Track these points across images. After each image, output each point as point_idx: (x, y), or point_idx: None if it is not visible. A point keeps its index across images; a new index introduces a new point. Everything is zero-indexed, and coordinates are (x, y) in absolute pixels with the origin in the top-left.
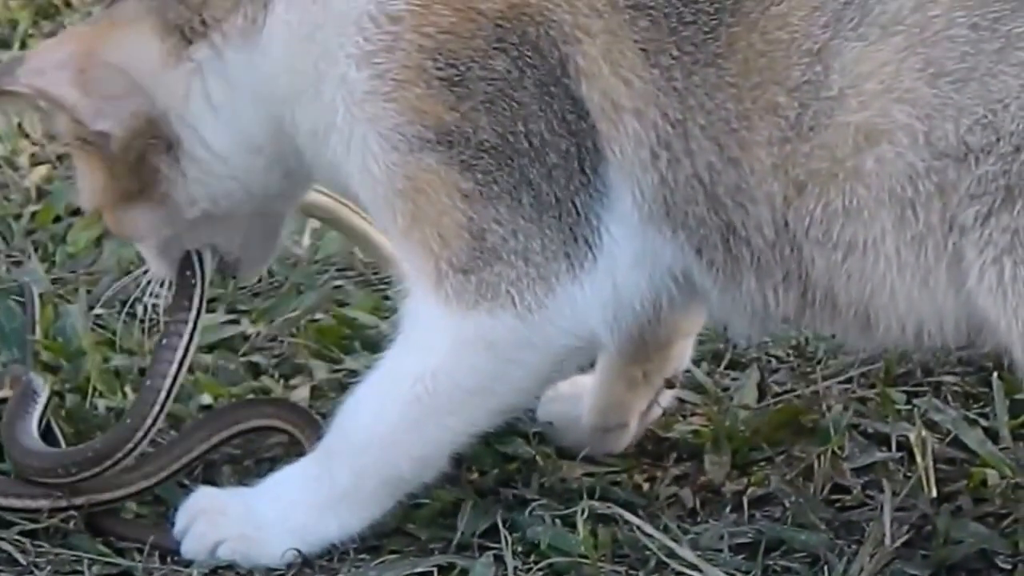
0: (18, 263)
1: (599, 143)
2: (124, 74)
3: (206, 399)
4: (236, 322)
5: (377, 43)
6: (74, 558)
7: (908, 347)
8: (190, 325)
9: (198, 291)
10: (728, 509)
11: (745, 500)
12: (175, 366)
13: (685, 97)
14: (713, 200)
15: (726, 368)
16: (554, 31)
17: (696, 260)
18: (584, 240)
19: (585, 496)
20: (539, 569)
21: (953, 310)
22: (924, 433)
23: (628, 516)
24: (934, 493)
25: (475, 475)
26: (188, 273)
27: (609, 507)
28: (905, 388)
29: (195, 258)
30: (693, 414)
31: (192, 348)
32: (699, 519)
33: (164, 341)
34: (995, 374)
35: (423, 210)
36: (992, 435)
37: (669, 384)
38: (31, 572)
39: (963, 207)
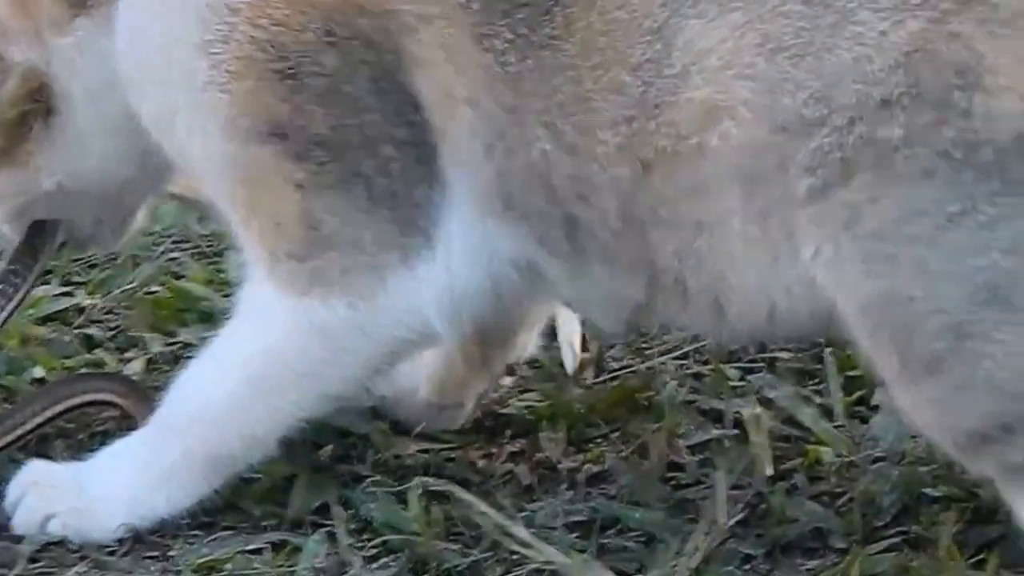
0: None
1: (434, 136)
2: (40, 22)
3: (38, 372)
4: (71, 294)
5: (215, 33)
6: None
7: (763, 334)
8: (20, 293)
9: (40, 262)
10: (564, 487)
11: (581, 478)
12: None
13: (520, 83)
14: (551, 191)
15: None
16: (391, 23)
17: (540, 251)
18: (420, 231)
19: (418, 473)
20: (372, 546)
21: (800, 286)
22: (758, 410)
23: (461, 493)
24: (769, 471)
25: (310, 450)
26: (34, 240)
27: (443, 484)
28: (740, 364)
29: (47, 227)
30: (529, 390)
31: (14, 315)
32: (535, 496)
33: None
34: (828, 350)
35: (260, 199)
36: (827, 412)
37: (510, 371)
38: None
39: (799, 181)
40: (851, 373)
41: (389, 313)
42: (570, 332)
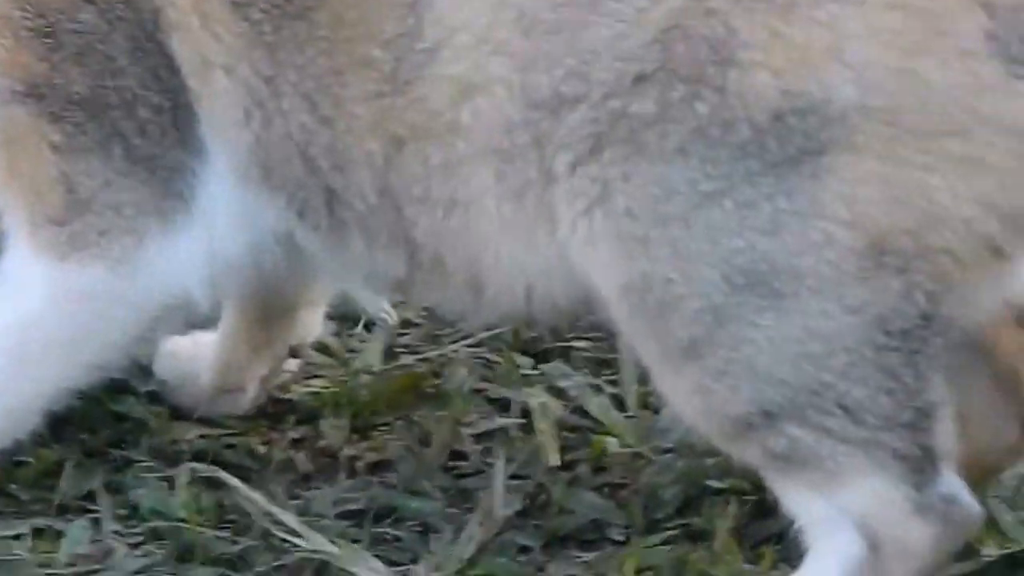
0: None
1: (192, 100)
2: None
3: None
4: None
5: None
6: None
7: (522, 313)
8: None
9: None
10: (343, 475)
11: (361, 466)
12: None
13: (276, 52)
14: (309, 162)
15: (356, 329)
16: None
17: (299, 223)
18: (178, 196)
19: (190, 458)
20: (138, 532)
21: (558, 267)
22: (545, 399)
23: (230, 480)
24: (553, 461)
25: (83, 435)
26: None
27: (211, 470)
28: (534, 353)
29: None
30: (315, 376)
31: None
32: (313, 484)
33: None
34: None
35: (18, 162)
36: (619, 402)
37: (294, 353)
38: None
39: (555, 159)
40: None
41: (148, 278)
42: None
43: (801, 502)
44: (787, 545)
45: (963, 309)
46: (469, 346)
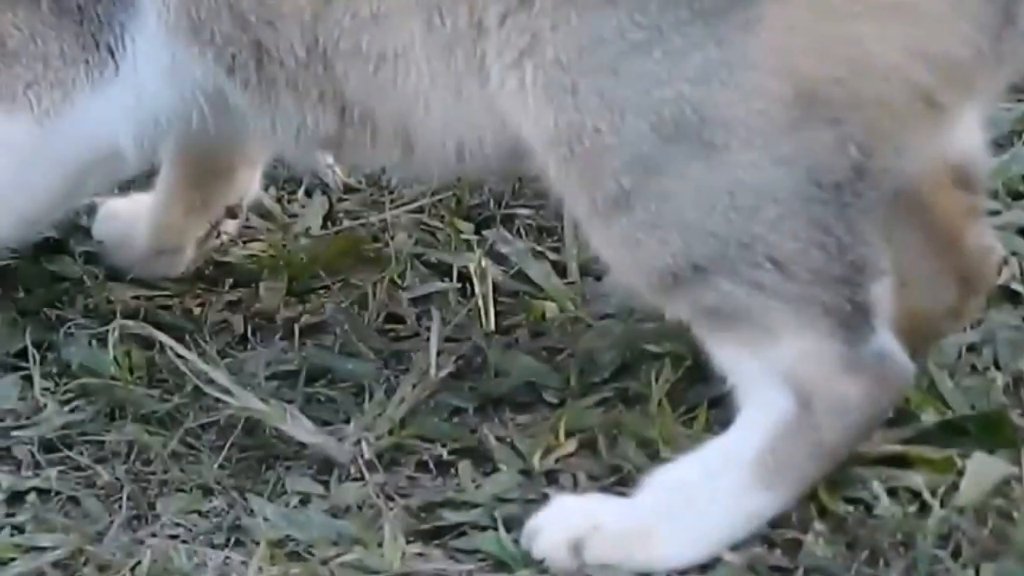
0: None
1: None
2: None
3: None
4: None
5: None
6: None
7: (454, 170)
8: None
9: None
10: (279, 337)
11: (297, 328)
12: None
13: None
14: (238, 16)
15: (298, 194)
16: None
17: (228, 79)
18: (107, 48)
19: (124, 318)
20: (69, 390)
21: (488, 121)
22: (484, 263)
23: (163, 338)
24: (491, 325)
25: (16, 294)
26: None
27: (145, 327)
28: (476, 220)
29: None
30: (254, 239)
31: None
32: (248, 346)
33: None
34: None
35: None
36: (561, 269)
37: (231, 213)
38: None
39: (485, 10)
40: None
41: (75, 130)
42: None
43: (732, 359)
44: (722, 409)
45: (897, 162)
46: (411, 212)
